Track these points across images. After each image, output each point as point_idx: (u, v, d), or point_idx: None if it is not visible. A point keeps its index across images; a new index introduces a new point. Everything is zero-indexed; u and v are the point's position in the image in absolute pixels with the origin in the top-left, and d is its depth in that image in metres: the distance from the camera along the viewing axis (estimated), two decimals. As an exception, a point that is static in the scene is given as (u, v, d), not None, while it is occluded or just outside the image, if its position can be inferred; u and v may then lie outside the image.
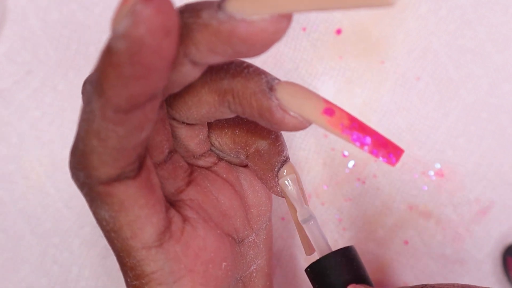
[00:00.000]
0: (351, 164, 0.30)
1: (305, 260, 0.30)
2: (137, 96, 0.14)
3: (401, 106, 0.30)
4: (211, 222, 0.20)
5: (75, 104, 0.30)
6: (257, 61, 0.30)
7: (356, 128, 0.16)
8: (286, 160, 0.21)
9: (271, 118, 0.17)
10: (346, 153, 0.30)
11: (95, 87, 0.14)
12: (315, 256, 0.21)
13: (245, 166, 0.23)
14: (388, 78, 0.30)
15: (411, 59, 0.30)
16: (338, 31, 0.30)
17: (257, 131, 0.21)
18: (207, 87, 0.18)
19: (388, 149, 0.16)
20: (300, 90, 0.17)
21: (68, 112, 0.30)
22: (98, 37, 0.30)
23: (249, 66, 0.17)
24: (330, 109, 0.16)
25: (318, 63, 0.30)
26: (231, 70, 0.17)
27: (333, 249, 0.21)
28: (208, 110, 0.18)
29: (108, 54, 0.13)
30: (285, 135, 0.30)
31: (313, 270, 0.21)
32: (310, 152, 0.30)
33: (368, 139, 0.16)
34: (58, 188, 0.30)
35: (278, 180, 0.21)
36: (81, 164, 0.16)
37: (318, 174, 0.30)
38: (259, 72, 0.17)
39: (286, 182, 0.21)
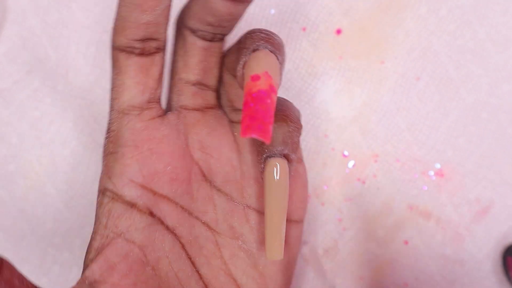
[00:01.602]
0: (351, 164, 0.30)
1: (305, 259, 0.31)
2: None
3: (401, 106, 0.30)
4: (182, 137, 0.23)
5: (75, 104, 0.30)
6: (257, 61, 0.30)
7: (255, 100, 0.18)
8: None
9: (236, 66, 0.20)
10: (346, 153, 0.30)
11: None
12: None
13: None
14: (388, 78, 0.30)
15: (411, 59, 0.30)
16: (338, 31, 0.30)
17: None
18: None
19: (255, 129, 0.17)
20: (262, 57, 0.19)
21: (68, 112, 0.30)
22: (98, 37, 0.30)
23: (263, 32, 0.20)
24: (257, 76, 0.18)
25: (318, 63, 0.30)
26: (254, 32, 0.21)
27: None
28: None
29: None
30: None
31: None
32: (310, 152, 0.30)
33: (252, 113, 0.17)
34: (58, 188, 0.30)
35: (264, 167, 0.21)
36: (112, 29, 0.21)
37: (318, 174, 0.30)
38: (262, 39, 0.20)
39: None
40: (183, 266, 0.22)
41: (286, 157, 0.21)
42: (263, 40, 0.20)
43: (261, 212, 0.23)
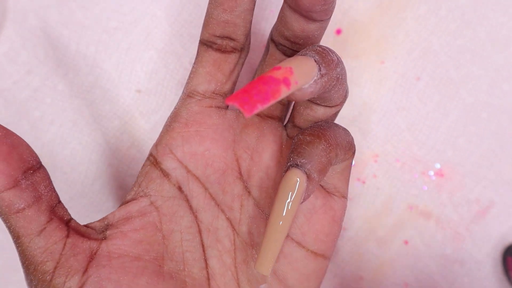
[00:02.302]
0: (351, 164, 0.30)
1: (305, 260, 0.31)
2: None
3: (401, 106, 0.30)
4: (231, 131, 0.24)
5: (75, 104, 0.30)
6: (258, 62, 0.30)
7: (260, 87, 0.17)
8: (295, 165, 0.20)
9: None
10: (346, 153, 0.30)
11: None
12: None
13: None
14: (388, 78, 0.30)
15: (411, 59, 0.30)
16: (338, 31, 0.30)
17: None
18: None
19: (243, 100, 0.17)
20: (298, 58, 0.19)
21: (68, 112, 0.30)
22: (98, 37, 0.30)
23: (320, 46, 0.20)
24: (278, 67, 0.18)
25: (318, 63, 0.30)
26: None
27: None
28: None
29: None
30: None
31: None
32: (310, 152, 0.30)
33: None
34: (58, 188, 0.30)
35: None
36: None
37: (318, 174, 0.30)
38: (314, 50, 0.20)
39: None
40: (193, 249, 0.23)
41: (307, 173, 0.20)
42: (315, 51, 0.19)
43: None
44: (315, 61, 0.19)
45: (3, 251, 0.30)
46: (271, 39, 0.24)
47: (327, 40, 0.30)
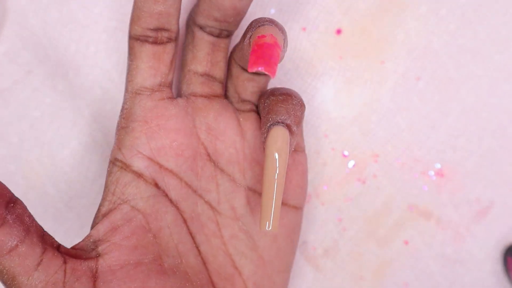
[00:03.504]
0: (351, 164, 0.30)
1: (305, 259, 0.31)
2: None
3: (401, 106, 0.30)
4: (189, 118, 0.24)
5: (75, 104, 0.30)
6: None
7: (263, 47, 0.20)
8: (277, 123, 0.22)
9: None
10: (346, 153, 0.30)
11: None
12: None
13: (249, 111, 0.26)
14: (388, 78, 0.30)
15: (411, 59, 0.30)
16: (338, 31, 0.30)
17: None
18: None
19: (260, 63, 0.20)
20: (267, 26, 0.21)
21: (68, 112, 0.30)
22: (98, 37, 0.30)
23: (265, 18, 0.23)
24: (263, 36, 0.21)
25: (318, 63, 0.30)
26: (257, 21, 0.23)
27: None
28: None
29: None
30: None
31: None
32: (310, 152, 0.30)
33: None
34: (58, 188, 0.30)
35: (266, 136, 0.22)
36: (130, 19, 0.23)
37: (318, 174, 0.30)
38: (266, 20, 0.22)
39: None
40: (184, 239, 0.24)
41: (288, 127, 0.22)
42: (267, 21, 0.22)
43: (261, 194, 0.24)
44: (275, 25, 0.22)
45: (3, 251, 0.30)
46: (195, 24, 0.24)
47: (327, 39, 0.30)
